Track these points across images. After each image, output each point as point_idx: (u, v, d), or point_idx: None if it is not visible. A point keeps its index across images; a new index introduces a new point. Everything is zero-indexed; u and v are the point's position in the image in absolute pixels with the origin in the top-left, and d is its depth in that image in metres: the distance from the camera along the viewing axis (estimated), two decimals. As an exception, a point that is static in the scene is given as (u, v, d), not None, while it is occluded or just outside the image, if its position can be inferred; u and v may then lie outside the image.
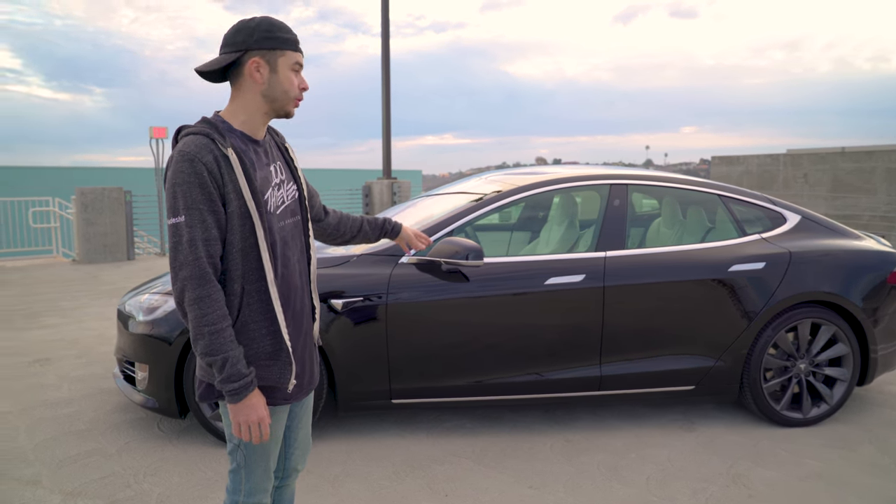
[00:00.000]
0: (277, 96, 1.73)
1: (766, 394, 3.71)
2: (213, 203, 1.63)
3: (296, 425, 2.01)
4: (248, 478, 1.83)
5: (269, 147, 1.83)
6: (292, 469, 2.07)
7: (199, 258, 1.61)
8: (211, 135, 1.65)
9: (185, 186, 1.60)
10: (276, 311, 1.73)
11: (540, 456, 3.39)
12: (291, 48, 1.73)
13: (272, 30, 1.71)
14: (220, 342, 1.62)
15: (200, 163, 1.61)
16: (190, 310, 1.62)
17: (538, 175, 3.91)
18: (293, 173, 1.88)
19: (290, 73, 1.73)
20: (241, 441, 1.80)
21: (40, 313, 6.65)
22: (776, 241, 3.83)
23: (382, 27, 13.26)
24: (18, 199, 11.27)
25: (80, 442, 3.52)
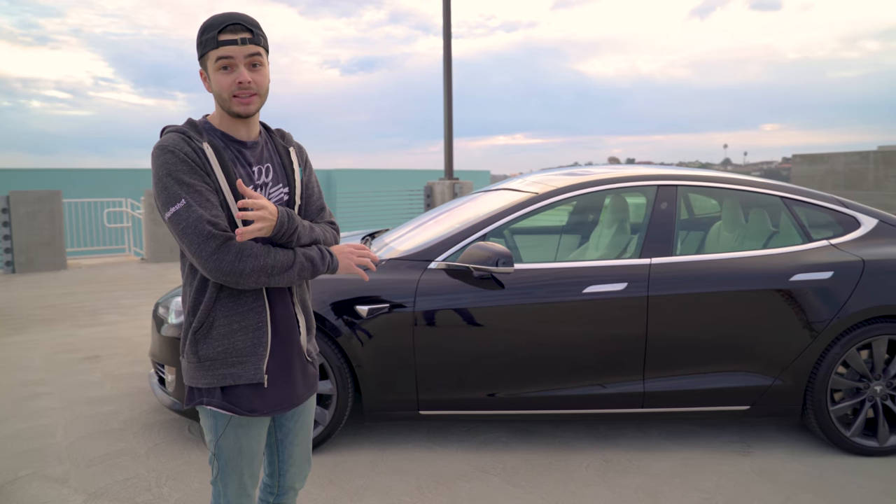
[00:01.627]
0: (217, 100, 1.68)
1: (834, 418, 3.34)
2: (207, 184, 1.60)
3: (290, 441, 1.90)
4: (225, 492, 1.77)
5: (262, 149, 1.75)
6: (289, 487, 1.96)
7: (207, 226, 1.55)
8: (187, 133, 1.64)
9: (175, 175, 1.56)
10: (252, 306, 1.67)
11: (575, 476, 3.15)
12: (210, 47, 1.62)
13: (200, 34, 1.64)
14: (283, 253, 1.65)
15: (181, 152, 1.59)
16: (242, 264, 1.57)
17: (581, 176, 3.68)
18: (288, 177, 1.78)
19: (216, 75, 1.64)
20: (214, 453, 1.75)
21: (102, 310, 6.88)
22: (847, 247, 3.46)
23: (444, 30, 13.18)
24: (95, 200, 11.81)
25: (111, 441, 3.54)
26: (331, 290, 3.27)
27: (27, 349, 5.38)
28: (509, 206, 3.51)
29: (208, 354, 1.66)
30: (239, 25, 1.61)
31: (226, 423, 1.70)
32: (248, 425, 1.72)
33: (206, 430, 1.74)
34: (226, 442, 1.71)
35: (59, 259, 9.81)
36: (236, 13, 1.63)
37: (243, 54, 1.62)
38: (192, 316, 1.68)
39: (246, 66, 1.63)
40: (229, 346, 1.66)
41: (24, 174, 21.36)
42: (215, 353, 1.66)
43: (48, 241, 9.70)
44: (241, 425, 1.71)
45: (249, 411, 1.69)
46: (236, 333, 1.66)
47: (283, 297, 1.75)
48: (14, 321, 6.42)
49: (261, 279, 1.60)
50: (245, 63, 1.62)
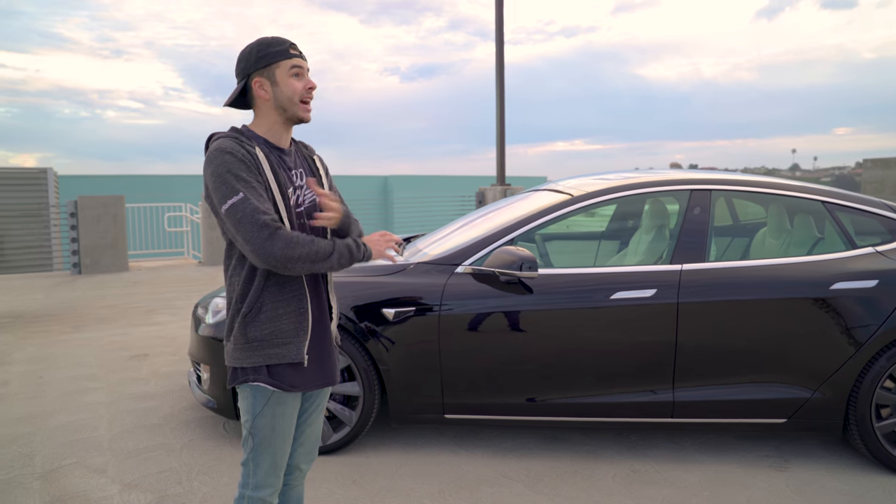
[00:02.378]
0: (285, 104, 1.86)
1: (880, 435, 3.17)
2: (260, 183, 1.78)
3: (304, 420, 2.05)
4: (255, 471, 1.90)
5: (294, 157, 1.96)
6: (295, 467, 2.10)
7: (265, 220, 1.71)
8: (239, 138, 1.83)
9: (234, 172, 1.74)
10: (299, 293, 1.85)
11: (600, 485, 3.10)
12: (283, 58, 1.85)
13: (262, 48, 1.85)
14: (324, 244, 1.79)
15: (238, 153, 1.78)
16: (292, 250, 1.72)
17: (614, 181, 3.62)
18: (318, 182, 1.99)
19: (289, 80, 1.86)
20: (250, 431, 1.89)
21: (156, 310, 7.16)
22: (895, 255, 3.28)
23: (497, 37, 13.19)
24: (157, 205, 12.32)
25: (150, 436, 3.68)
26: (359, 294, 3.32)
27: (83, 346, 5.65)
28: (539, 210, 3.48)
29: (256, 336, 1.83)
30: (296, 46, 1.90)
31: (265, 400, 1.86)
32: (284, 404, 1.88)
33: (245, 411, 1.90)
34: (262, 420, 1.87)
35: (122, 261, 10.27)
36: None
37: (306, 66, 1.90)
38: (241, 302, 1.85)
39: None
40: (276, 329, 1.83)
41: (95, 180, 22.47)
42: (262, 334, 1.83)
43: (112, 243, 10.17)
44: (279, 403, 1.87)
45: (291, 386, 1.86)
46: (282, 317, 1.83)
47: (318, 286, 1.94)
48: (75, 319, 6.76)
49: (305, 265, 1.77)
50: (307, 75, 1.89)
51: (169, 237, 12.46)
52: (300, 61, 1.87)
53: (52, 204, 10.44)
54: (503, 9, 13.12)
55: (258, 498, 1.91)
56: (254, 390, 1.86)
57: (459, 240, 3.57)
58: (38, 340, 5.88)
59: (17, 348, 5.62)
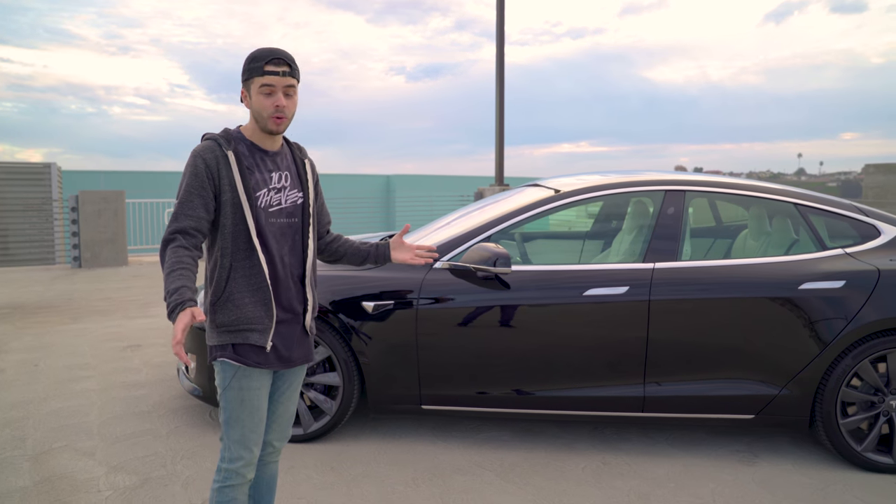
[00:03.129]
0: (256, 116, 2.02)
1: (844, 431, 3.26)
2: (204, 189, 1.96)
3: (277, 398, 2.18)
4: (228, 444, 2.05)
5: (283, 158, 2.11)
6: (268, 443, 2.22)
7: (172, 227, 1.93)
8: (218, 140, 2.01)
9: (187, 176, 1.97)
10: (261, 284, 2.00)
11: (570, 476, 3.19)
12: (257, 74, 1.98)
13: (247, 62, 2.00)
14: (170, 280, 1.86)
15: (201, 159, 1.97)
16: (162, 265, 1.92)
17: (590, 181, 3.71)
18: (303, 185, 2.14)
19: (258, 97, 1.99)
20: (222, 406, 2.04)
21: (152, 304, 7.28)
22: (863, 256, 3.37)
23: (497, 38, 13.28)
24: (157, 201, 12.45)
25: (138, 422, 3.79)
26: (339, 287, 3.42)
27: (79, 336, 5.77)
28: (517, 208, 3.58)
29: (223, 321, 2.00)
30: (281, 60, 1.98)
31: (232, 374, 2.01)
32: (250, 378, 2.02)
33: (217, 384, 2.06)
34: (230, 393, 2.02)
35: (121, 255, 10.40)
36: (280, 49, 2.00)
37: (282, 84, 1.98)
38: (211, 289, 2.02)
39: (283, 94, 1.99)
40: (241, 316, 1.99)
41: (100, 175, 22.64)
42: (229, 320, 1.99)
43: (112, 238, 10.30)
44: (245, 377, 2.01)
45: (255, 363, 2.02)
46: (247, 305, 1.99)
47: (286, 279, 2.08)
48: (72, 311, 6.88)
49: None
50: (282, 91, 1.98)
51: (170, 232, 12.59)
52: (272, 79, 1.96)
53: (54, 198, 10.58)
54: (504, 10, 13.22)
55: (232, 470, 2.04)
56: (222, 365, 2.02)
57: (440, 236, 3.67)
58: (36, 330, 6.00)
59: (14, 338, 5.74)
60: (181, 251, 1.91)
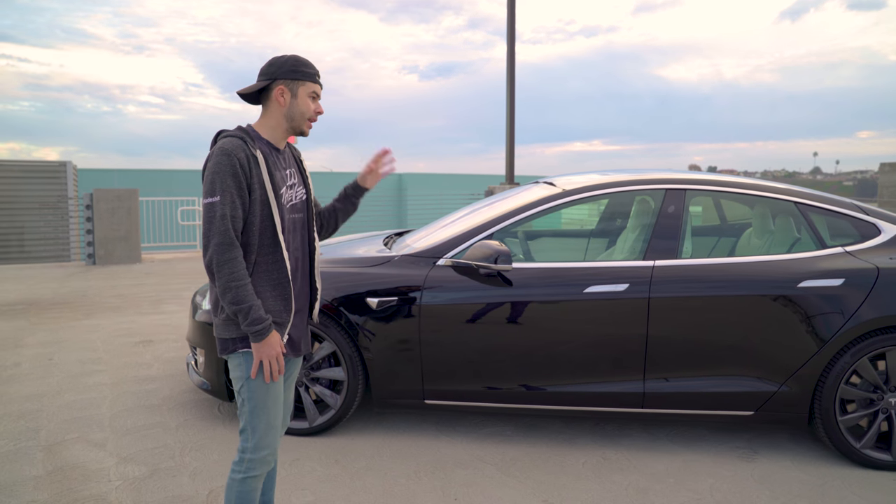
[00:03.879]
0: (295, 117, 2.14)
1: (843, 428, 3.28)
2: (241, 189, 2.01)
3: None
4: (253, 434, 2.09)
5: (288, 156, 2.24)
6: None
7: (227, 229, 1.97)
8: (245, 138, 2.06)
9: (222, 175, 1.98)
10: (283, 279, 2.10)
11: (570, 470, 3.24)
12: (311, 80, 2.14)
13: (297, 65, 2.12)
14: (244, 294, 1.97)
15: (235, 157, 2.01)
16: (219, 270, 1.97)
17: (594, 179, 3.75)
18: (304, 180, 2.28)
19: (307, 100, 2.14)
20: (244, 397, 2.08)
21: (164, 300, 7.40)
22: (863, 255, 3.39)
23: (508, 35, 13.30)
24: (171, 199, 12.60)
25: (148, 415, 3.88)
26: (345, 284, 3.48)
27: (92, 332, 5.88)
28: (521, 206, 3.62)
29: None
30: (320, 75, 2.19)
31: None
32: None
33: (237, 377, 2.09)
34: (255, 383, 2.07)
35: (135, 253, 10.55)
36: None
37: (321, 94, 2.20)
38: None
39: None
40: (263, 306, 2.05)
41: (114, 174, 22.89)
42: None
43: (125, 235, 10.45)
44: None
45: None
46: (268, 300, 2.08)
47: (302, 275, 2.23)
48: (86, 307, 7.01)
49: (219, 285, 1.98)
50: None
51: (182, 230, 12.74)
52: (319, 89, 2.17)
53: (70, 196, 10.74)
54: (515, 8, 13.25)
55: (257, 459, 2.09)
56: (245, 356, 2.07)
57: (444, 234, 3.72)
58: (50, 326, 6.12)
59: (29, 333, 5.86)
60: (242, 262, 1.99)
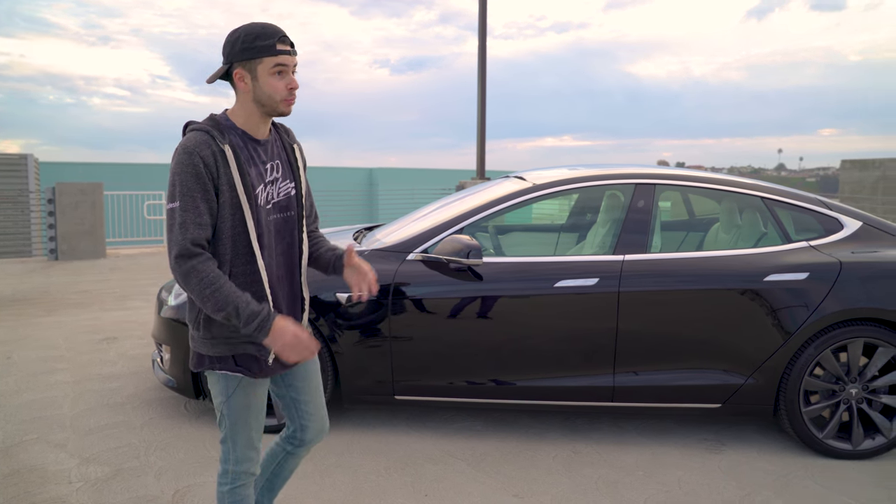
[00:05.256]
0: (264, 101, 1.84)
1: (807, 419, 3.34)
2: (207, 192, 1.77)
3: (305, 400, 2.09)
4: (234, 448, 1.95)
5: (272, 146, 1.95)
6: (308, 441, 2.14)
7: (186, 238, 1.74)
8: (211, 132, 1.80)
9: (183, 176, 1.75)
10: (262, 292, 1.86)
11: (540, 465, 3.24)
12: (267, 54, 1.80)
13: (248, 40, 1.80)
14: (223, 296, 1.73)
15: (198, 156, 1.76)
16: (186, 284, 1.75)
17: (561, 174, 3.76)
18: (293, 173, 1.99)
19: (270, 79, 1.82)
20: (224, 412, 1.93)
21: (130, 296, 7.24)
22: (826, 249, 3.45)
23: (480, 32, 13.29)
24: (137, 193, 12.35)
25: (112, 414, 3.79)
26: (313, 278, 3.43)
27: (53, 329, 5.73)
28: (491, 200, 3.61)
29: (222, 333, 1.86)
30: (287, 38, 1.84)
31: (236, 384, 1.90)
32: (255, 384, 1.93)
33: (217, 393, 1.93)
34: (236, 400, 1.91)
35: (99, 248, 10.31)
36: (280, 27, 1.84)
37: (292, 63, 1.85)
38: None
39: (293, 74, 1.85)
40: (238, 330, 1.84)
41: (79, 167, 22.38)
42: (228, 332, 1.86)
43: (89, 230, 10.20)
44: (250, 384, 1.92)
45: (260, 372, 1.91)
46: None
47: (288, 279, 1.96)
48: (47, 304, 6.82)
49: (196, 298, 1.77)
50: (292, 71, 1.84)
51: (148, 225, 12.50)
52: (285, 58, 1.81)
53: (31, 190, 10.45)
54: (486, 3, 13.24)
55: (241, 471, 1.96)
56: (224, 377, 1.90)
57: (414, 229, 3.70)
58: (10, 323, 5.95)
59: (-12, 330, 5.69)
60: (212, 265, 1.76)
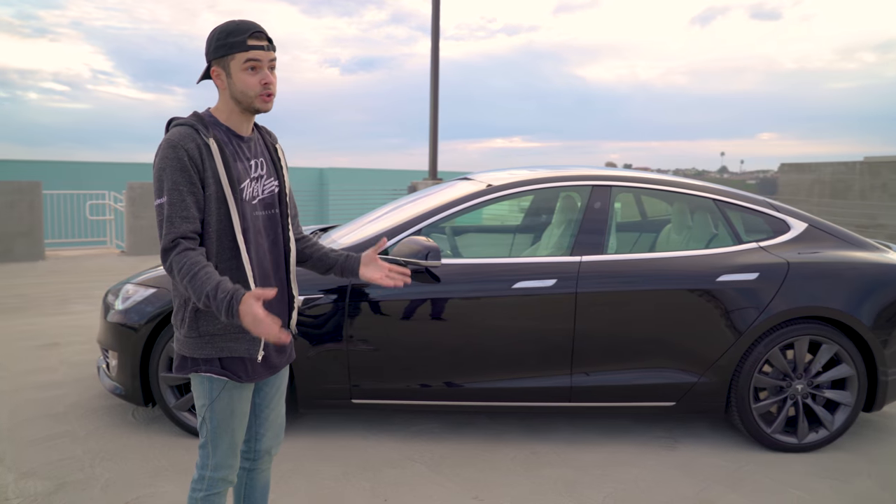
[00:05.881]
0: (239, 97, 1.84)
1: (756, 415, 3.43)
2: (193, 185, 1.77)
3: (267, 405, 2.07)
4: (214, 453, 1.92)
5: (256, 144, 1.96)
6: (264, 451, 2.11)
7: (172, 233, 1.74)
8: (196, 126, 1.81)
9: (169, 170, 1.76)
10: (249, 288, 1.83)
11: (499, 466, 3.24)
12: (238, 50, 1.80)
13: (221, 37, 1.82)
14: (199, 283, 1.70)
15: (182, 149, 1.76)
16: (173, 276, 1.76)
17: (520, 175, 3.77)
18: (277, 171, 2.00)
19: (242, 75, 1.82)
20: (206, 416, 1.90)
21: (71, 300, 6.95)
22: (774, 250, 3.55)
23: (433, 32, 13.28)
24: (78, 192, 11.88)
25: (54, 424, 3.62)
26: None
27: (-11, 335, 5.45)
28: (448, 202, 3.59)
29: (209, 330, 1.84)
30: (262, 34, 1.83)
31: (221, 387, 1.88)
32: (241, 388, 1.92)
33: (200, 396, 1.91)
34: (220, 405, 1.89)
35: (38, 249, 9.87)
36: (256, 22, 1.84)
37: (267, 59, 1.84)
38: None
39: (268, 70, 1.85)
40: (228, 324, 1.83)
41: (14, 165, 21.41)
42: (216, 329, 1.84)
43: (27, 231, 9.76)
44: (235, 388, 1.90)
45: (246, 376, 1.89)
46: None
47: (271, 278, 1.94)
48: (-18, 308, 6.49)
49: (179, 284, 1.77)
50: (267, 66, 1.84)
51: (91, 225, 12.04)
52: (257, 53, 1.81)
53: (-39, 189, 9.93)
54: (440, 4, 13.24)
55: (218, 478, 1.93)
56: (209, 380, 1.88)
57: (370, 230, 3.65)
58: (-59, 329, 5.63)
59: (-84, 337, 5.37)
60: (191, 254, 1.74)
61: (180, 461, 3.20)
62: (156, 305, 3.46)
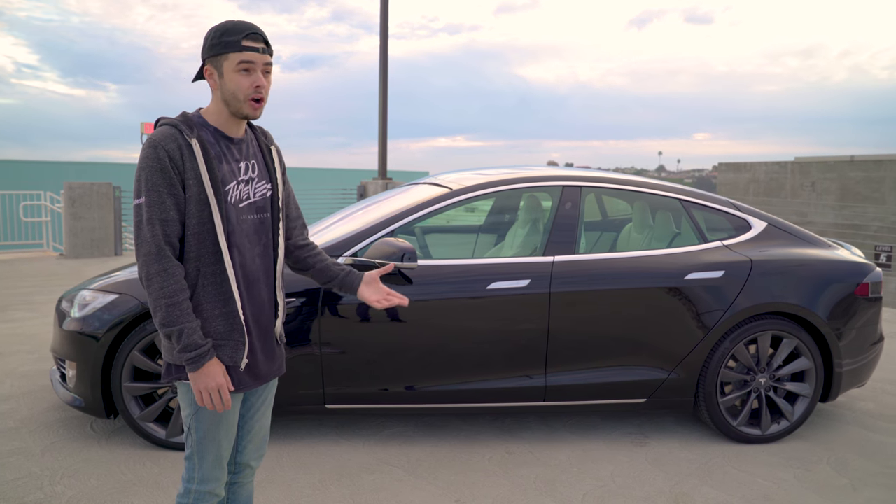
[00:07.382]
0: (228, 99, 1.80)
1: (723, 409, 3.54)
2: (173, 186, 1.73)
3: (252, 416, 2.01)
4: (201, 465, 1.87)
5: (248, 145, 1.91)
6: (245, 465, 2.05)
7: (155, 236, 1.72)
8: (179, 126, 1.77)
9: (148, 171, 1.72)
10: (231, 294, 1.81)
11: (477, 468, 3.24)
12: (232, 50, 1.77)
13: (217, 36, 1.78)
14: (176, 314, 1.72)
15: (163, 149, 1.72)
16: (148, 285, 1.72)
17: (493, 176, 3.77)
18: (270, 175, 1.94)
19: (234, 76, 1.78)
20: (191, 426, 1.85)
21: (10, 307, 6.59)
22: (738, 248, 3.67)
23: (381, 29, 13.19)
24: (11, 193, 11.28)
25: (5, 440, 3.42)
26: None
27: (-77, 346, 5.11)
28: (419, 202, 3.57)
29: None
30: (259, 36, 1.79)
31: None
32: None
33: (185, 405, 1.86)
34: (205, 414, 1.83)
35: (-32, 253, 9.33)
36: (254, 24, 1.80)
37: (262, 62, 1.80)
38: None
39: (262, 73, 1.80)
40: (211, 330, 1.80)
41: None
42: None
43: (-44, 234, 9.22)
44: None
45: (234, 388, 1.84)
46: (217, 318, 1.81)
47: (259, 284, 1.89)
48: (-88, 317, 6.09)
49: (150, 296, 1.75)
50: (261, 70, 1.80)
51: (26, 228, 11.45)
52: (252, 55, 1.77)
53: None
54: (388, 3, 13.16)
55: (205, 491, 1.88)
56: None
57: (339, 231, 3.59)
58: None
59: None
60: (177, 273, 1.73)
61: (148, 475, 3.07)
62: (117, 313, 3.31)
